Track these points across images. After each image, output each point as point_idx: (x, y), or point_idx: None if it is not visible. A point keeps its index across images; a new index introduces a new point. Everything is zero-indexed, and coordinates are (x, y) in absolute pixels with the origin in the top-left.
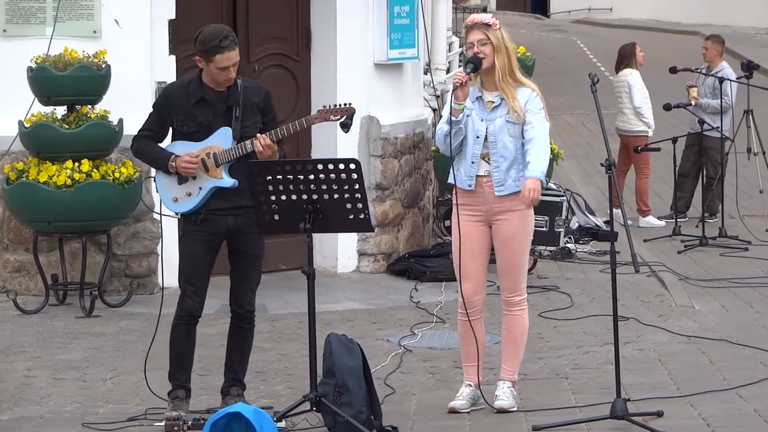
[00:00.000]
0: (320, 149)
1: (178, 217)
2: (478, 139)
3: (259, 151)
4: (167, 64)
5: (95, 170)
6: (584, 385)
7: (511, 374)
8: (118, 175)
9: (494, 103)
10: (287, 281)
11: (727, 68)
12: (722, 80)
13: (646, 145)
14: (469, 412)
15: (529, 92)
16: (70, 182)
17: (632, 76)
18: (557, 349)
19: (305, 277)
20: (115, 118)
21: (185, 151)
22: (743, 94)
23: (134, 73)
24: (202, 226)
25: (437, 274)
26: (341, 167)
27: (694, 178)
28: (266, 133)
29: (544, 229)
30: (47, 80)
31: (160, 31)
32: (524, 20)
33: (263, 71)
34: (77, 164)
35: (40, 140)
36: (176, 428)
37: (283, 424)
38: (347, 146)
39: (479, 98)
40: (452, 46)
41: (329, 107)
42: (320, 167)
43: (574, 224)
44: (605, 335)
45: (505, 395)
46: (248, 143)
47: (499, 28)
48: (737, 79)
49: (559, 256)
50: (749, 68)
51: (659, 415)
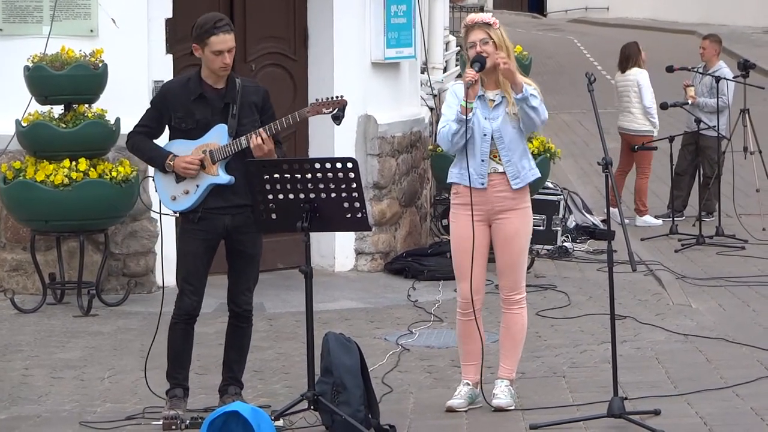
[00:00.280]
0: (317, 148)
1: (176, 215)
2: (485, 137)
3: (254, 146)
4: (164, 63)
5: (92, 169)
6: (581, 383)
7: (509, 373)
8: (115, 174)
9: (495, 101)
10: (285, 280)
11: (724, 67)
12: (719, 79)
13: (643, 143)
14: (466, 410)
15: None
16: (67, 181)
17: (642, 75)
18: (554, 347)
19: (303, 276)
20: (112, 117)
21: (182, 149)
22: (740, 93)
23: (131, 72)
24: (199, 225)
25: (435, 272)
26: (338, 166)
27: (690, 177)
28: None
29: (541, 227)
30: (44, 79)
31: (157, 30)
32: (521, 19)
33: (260, 70)
34: (74, 163)
35: (37, 139)
36: (174, 427)
37: (280, 422)
38: (344, 145)
39: (481, 97)
40: (449, 45)
41: (321, 100)
42: (317, 166)
43: (571, 223)
44: (602, 334)
45: (503, 394)
46: (243, 139)
47: (499, 27)
48: (734, 78)
49: (556, 254)
50: (746, 67)
51: (656, 413)
